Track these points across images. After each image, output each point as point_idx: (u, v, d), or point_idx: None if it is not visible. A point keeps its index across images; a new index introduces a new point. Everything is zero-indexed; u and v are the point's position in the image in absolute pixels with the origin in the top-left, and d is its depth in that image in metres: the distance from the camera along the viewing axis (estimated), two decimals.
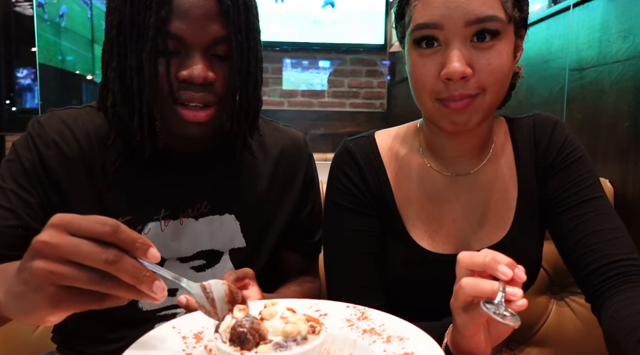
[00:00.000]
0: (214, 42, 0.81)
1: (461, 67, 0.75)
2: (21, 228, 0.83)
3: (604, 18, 1.42)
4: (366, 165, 0.92)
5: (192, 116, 0.82)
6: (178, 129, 0.84)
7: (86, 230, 0.49)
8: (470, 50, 0.77)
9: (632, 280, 0.77)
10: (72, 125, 0.90)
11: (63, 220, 0.50)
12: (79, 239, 0.49)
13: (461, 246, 0.89)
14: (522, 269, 0.61)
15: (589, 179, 0.87)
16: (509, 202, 0.90)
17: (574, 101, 1.56)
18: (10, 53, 2.85)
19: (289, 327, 0.54)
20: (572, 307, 1.34)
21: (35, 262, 0.49)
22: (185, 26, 0.78)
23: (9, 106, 2.86)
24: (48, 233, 0.49)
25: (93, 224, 0.49)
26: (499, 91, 0.80)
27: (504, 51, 0.78)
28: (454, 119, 0.80)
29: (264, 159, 1.00)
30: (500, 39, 0.77)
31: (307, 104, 4.37)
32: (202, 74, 0.79)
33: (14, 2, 2.80)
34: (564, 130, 0.91)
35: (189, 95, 0.81)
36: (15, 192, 0.84)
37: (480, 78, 0.77)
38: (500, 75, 0.78)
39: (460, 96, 0.77)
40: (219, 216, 0.94)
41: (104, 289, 0.49)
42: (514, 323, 0.56)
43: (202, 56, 0.80)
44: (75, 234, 0.49)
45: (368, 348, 0.61)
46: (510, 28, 0.79)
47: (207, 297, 0.58)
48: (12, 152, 0.88)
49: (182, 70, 0.80)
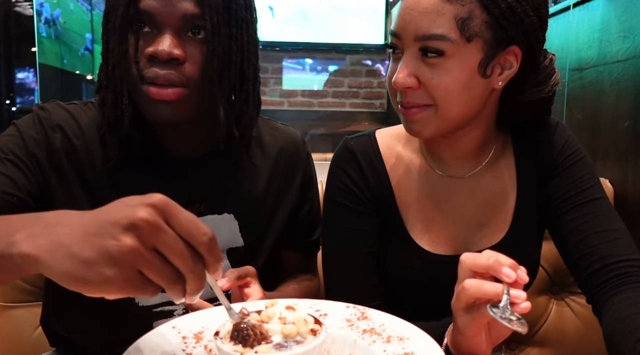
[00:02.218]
0: (185, 20, 0.79)
1: (402, 78, 0.79)
2: (17, 198, 0.80)
3: (604, 18, 1.42)
4: (367, 164, 0.92)
5: (157, 93, 0.79)
6: (148, 110, 0.82)
7: (185, 230, 0.47)
8: (419, 62, 0.79)
9: (632, 281, 0.77)
10: (76, 116, 0.89)
11: (167, 206, 0.47)
12: (176, 236, 0.47)
13: (461, 247, 0.89)
14: (525, 271, 0.61)
15: (589, 181, 0.87)
16: (509, 203, 0.90)
17: (574, 101, 1.56)
18: (10, 53, 2.85)
19: (288, 328, 0.54)
20: (572, 307, 1.34)
21: (127, 237, 0.45)
22: (155, 2, 0.78)
23: (8, 106, 2.85)
24: (150, 212, 0.46)
25: (194, 228, 0.48)
26: (452, 107, 0.80)
27: (454, 69, 0.77)
28: (408, 126, 0.85)
29: (263, 158, 1.00)
30: (447, 57, 0.77)
31: (307, 104, 4.37)
32: (166, 49, 0.78)
33: (14, 2, 2.80)
34: (565, 132, 0.91)
35: (152, 73, 0.79)
36: (14, 163, 0.82)
37: (427, 91, 0.79)
38: (446, 92, 0.78)
39: (407, 103, 0.81)
40: (217, 216, 0.94)
41: (169, 288, 0.48)
42: (522, 328, 0.56)
43: (172, 34, 0.79)
44: (172, 226, 0.47)
45: (368, 348, 0.61)
46: (471, 47, 0.77)
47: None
48: (12, 129, 0.86)
49: (148, 47, 0.79)
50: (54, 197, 0.85)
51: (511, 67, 0.81)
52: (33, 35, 2.86)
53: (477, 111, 0.83)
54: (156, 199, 0.47)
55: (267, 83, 4.25)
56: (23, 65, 2.95)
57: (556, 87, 0.87)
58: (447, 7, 0.75)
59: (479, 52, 0.78)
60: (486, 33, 0.77)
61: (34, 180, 0.83)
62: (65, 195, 0.86)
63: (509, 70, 0.81)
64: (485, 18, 0.76)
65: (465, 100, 0.80)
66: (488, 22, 0.76)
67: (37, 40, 2.88)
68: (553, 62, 0.87)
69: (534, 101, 0.86)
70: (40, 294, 1.16)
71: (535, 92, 0.85)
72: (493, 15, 0.76)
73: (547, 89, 0.86)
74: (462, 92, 0.79)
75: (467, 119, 0.83)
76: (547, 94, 0.86)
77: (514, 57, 0.81)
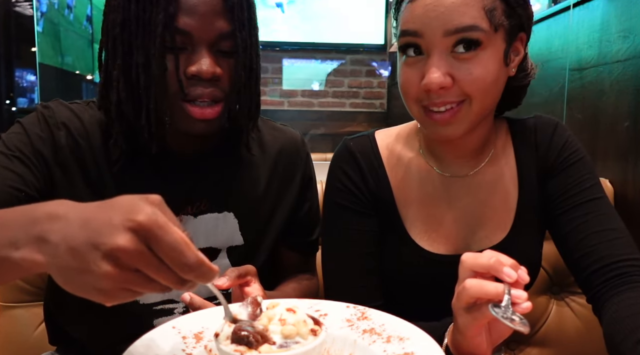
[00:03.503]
0: (220, 38, 0.82)
1: (439, 78, 0.75)
2: (24, 194, 0.81)
3: (604, 18, 1.42)
4: (366, 165, 0.92)
5: (200, 113, 0.82)
6: (185, 126, 0.84)
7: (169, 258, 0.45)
8: (450, 60, 0.77)
9: (632, 281, 0.77)
10: (80, 115, 0.90)
11: (151, 230, 0.44)
12: (159, 263, 0.45)
13: (461, 247, 0.89)
14: (525, 271, 0.61)
15: (589, 180, 0.87)
16: (509, 203, 0.90)
17: (574, 101, 1.56)
18: (10, 53, 2.85)
19: (288, 329, 0.54)
20: (572, 307, 1.34)
21: (106, 265, 0.44)
22: (193, 22, 0.79)
23: (8, 106, 2.85)
24: (129, 240, 0.44)
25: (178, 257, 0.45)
26: (485, 100, 0.79)
27: (487, 61, 0.77)
28: (439, 131, 0.81)
29: (263, 158, 1.00)
30: (483, 48, 0.76)
31: (307, 104, 4.37)
32: (210, 69, 0.80)
33: (14, 2, 2.79)
34: (565, 132, 0.92)
35: (198, 92, 0.82)
36: (21, 160, 0.83)
37: (461, 87, 0.77)
38: (483, 85, 0.77)
39: (442, 103, 0.78)
40: (217, 214, 0.94)
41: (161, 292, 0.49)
42: (524, 328, 0.56)
43: (208, 51, 0.81)
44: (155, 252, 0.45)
45: (368, 348, 0.61)
46: (498, 36, 0.78)
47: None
48: (17, 127, 0.86)
49: (191, 66, 0.81)
50: (58, 193, 0.86)
51: (519, 54, 0.83)
52: (33, 35, 2.86)
53: (498, 101, 0.85)
54: (143, 216, 0.44)
55: (267, 83, 4.25)
56: (23, 65, 2.95)
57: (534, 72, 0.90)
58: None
59: (503, 41, 0.79)
60: (506, 22, 0.78)
61: (40, 176, 0.84)
62: (70, 192, 0.86)
63: (518, 56, 0.83)
64: (504, 7, 0.78)
65: (496, 91, 0.81)
66: (506, 11, 0.78)
67: (37, 40, 2.88)
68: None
69: (518, 88, 0.89)
70: (40, 294, 1.16)
71: (521, 78, 0.88)
72: (509, 4, 0.78)
73: (529, 77, 0.89)
74: (495, 83, 0.79)
75: (492, 110, 0.85)
76: (527, 81, 0.89)
77: (521, 44, 0.83)
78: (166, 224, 0.45)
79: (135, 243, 0.44)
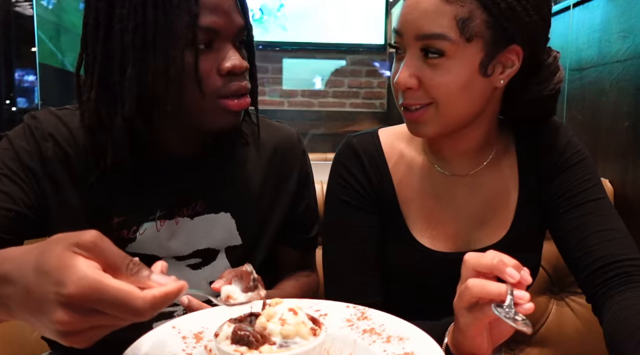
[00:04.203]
0: (239, 32, 0.84)
1: (404, 79, 0.79)
2: (15, 212, 0.81)
3: (604, 18, 1.42)
4: (369, 162, 0.92)
5: (238, 105, 0.84)
6: (220, 123, 0.85)
7: (114, 310, 0.44)
8: (420, 63, 0.79)
9: (633, 281, 0.77)
10: (68, 122, 0.89)
11: (76, 299, 0.43)
12: (107, 315, 0.45)
13: (461, 245, 0.89)
14: (528, 272, 0.61)
15: (591, 181, 0.87)
16: (510, 202, 0.91)
17: (574, 101, 1.56)
18: (10, 53, 2.85)
19: (287, 329, 0.54)
20: (572, 307, 1.34)
21: (57, 325, 0.44)
22: (218, 19, 0.80)
23: (8, 106, 2.85)
24: (61, 314, 0.43)
25: (124, 305, 0.44)
26: (454, 105, 0.80)
27: (455, 69, 0.77)
28: (411, 128, 0.85)
29: (258, 156, 1.00)
30: (447, 57, 0.77)
31: (307, 104, 4.37)
32: (243, 63, 0.83)
33: (14, 2, 2.79)
34: (567, 132, 0.92)
35: (236, 87, 0.83)
36: (9, 177, 0.83)
37: (426, 90, 0.79)
38: (447, 91, 0.78)
39: (412, 103, 0.81)
40: (214, 215, 0.94)
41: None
42: (526, 328, 0.56)
43: (232, 46, 0.83)
44: (99, 310, 0.44)
45: (368, 348, 0.61)
46: (471, 47, 0.77)
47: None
48: (4, 142, 0.87)
49: (224, 63, 0.82)
50: (49, 206, 0.86)
51: (513, 66, 0.81)
52: (33, 35, 2.86)
53: (479, 109, 0.83)
54: (72, 288, 0.43)
55: (267, 83, 4.25)
56: (23, 65, 2.95)
57: (560, 85, 0.87)
58: (447, 7, 0.76)
59: (480, 51, 0.78)
60: (486, 33, 0.77)
61: (30, 192, 0.84)
62: (60, 204, 0.86)
63: (511, 68, 0.81)
64: (486, 18, 0.76)
65: (466, 99, 0.80)
66: (488, 22, 0.77)
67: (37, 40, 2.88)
68: (557, 59, 0.88)
69: (538, 99, 0.86)
70: None
71: (539, 90, 0.86)
72: (493, 15, 0.76)
73: (550, 87, 0.86)
74: (462, 91, 0.79)
75: (470, 117, 0.83)
76: (551, 91, 0.86)
77: (516, 56, 0.81)
78: (99, 284, 0.43)
79: (71, 316, 0.44)
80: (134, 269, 0.47)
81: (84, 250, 0.45)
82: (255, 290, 0.59)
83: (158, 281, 0.47)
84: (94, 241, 0.45)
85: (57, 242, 0.46)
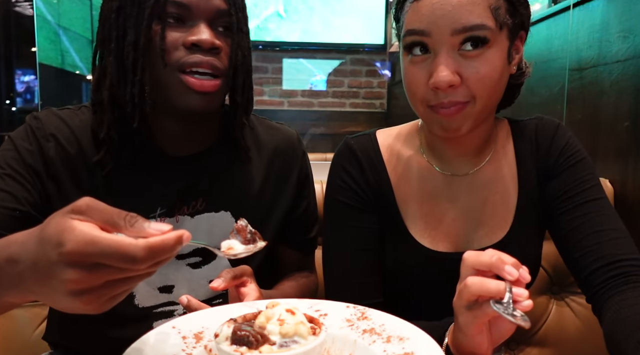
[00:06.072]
0: (218, 15, 0.84)
1: (447, 76, 0.76)
2: (19, 211, 0.82)
3: (604, 18, 1.42)
4: (367, 162, 0.92)
5: (200, 85, 0.83)
6: (184, 100, 0.84)
7: (113, 261, 0.45)
8: (458, 58, 0.77)
9: (632, 281, 0.77)
10: (69, 122, 0.90)
11: (76, 255, 0.45)
12: (107, 270, 0.46)
13: (461, 245, 0.89)
14: (527, 270, 0.61)
15: (590, 181, 0.87)
16: (509, 202, 0.91)
17: (574, 101, 1.56)
18: (10, 53, 2.85)
19: (286, 329, 0.54)
20: (572, 307, 1.34)
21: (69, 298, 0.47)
22: None
23: (8, 106, 2.86)
24: (69, 273, 0.46)
25: (120, 254, 0.45)
26: (490, 98, 0.80)
27: (494, 59, 0.77)
28: (445, 125, 0.81)
29: (258, 156, 1.00)
30: (489, 46, 0.77)
31: (307, 104, 4.37)
32: (209, 38, 0.82)
33: (14, 2, 2.80)
34: (566, 133, 0.92)
35: (196, 58, 0.82)
36: (13, 177, 0.83)
37: (469, 86, 0.77)
38: (490, 83, 0.78)
39: (449, 103, 0.78)
40: (214, 213, 0.94)
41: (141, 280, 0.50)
42: (525, 323, 0.57)
43: (207, 25, 0.83)
44: (101, 263, 0.46)
45: (368, 348, 0.61)
46: (502, 35, 0.79)
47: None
48: (7, 143, 0.87)
49: (190, 36, 0.82)
50: (53, 205, 0.86)
51: (519, 52, 0.84)
52: (33, 35, 2.86)
53: (499, 101, 0.85)
54: (70, 245, 0.45)
55: (267, 83, 4.25)
56: (23, 65, 2.95)
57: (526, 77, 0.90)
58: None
59: (507, 39, 0.80)
60: (509, 20, 0.79)
61: (33, 191, 0.85)
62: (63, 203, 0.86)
63: (518, 55, 0.84)
64: (507, 6, 0.79)
65: (500, 89, 0.82)
66: (510, 10, 0.79)
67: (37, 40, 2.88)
68: None
69: (515, 86, 0.90)
70: None
71: (519, 76, 0.89)
72: (512, 3, 0.79)
73: (526, 72, 0.90)
74: (499, 81, 0.80)
75: (493, 110, 0.86)
76: (517, 81, 0.90)
77: (521, 42, 0.84)
78: (93, 237, 0.45)
79: (77, 272, 0.45)
80: (131, 221, 0.48)
81: (79, 214, 0.47)
82: (254, 243, 0.60)
83: (157, 229, 0.48)
84: (86, 203, 0.48)
85: (53, 216, 0.49)
